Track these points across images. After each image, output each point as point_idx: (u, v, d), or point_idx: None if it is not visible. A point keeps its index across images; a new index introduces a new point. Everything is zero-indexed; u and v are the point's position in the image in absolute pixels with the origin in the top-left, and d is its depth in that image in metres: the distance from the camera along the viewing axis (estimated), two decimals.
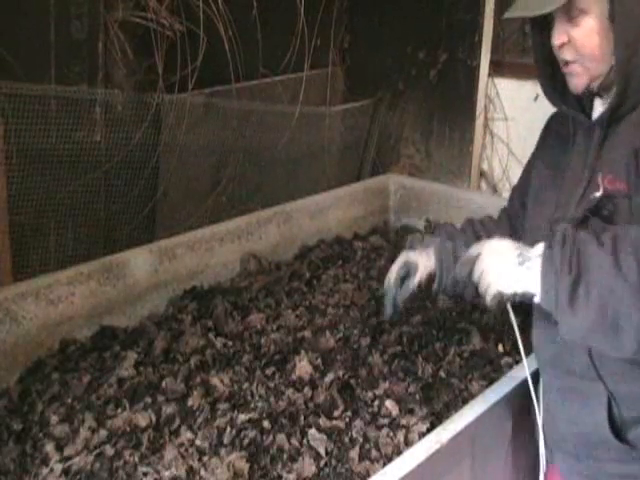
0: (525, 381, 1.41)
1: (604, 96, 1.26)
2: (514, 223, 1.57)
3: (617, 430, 1.24)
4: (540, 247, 1.15)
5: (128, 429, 1.51)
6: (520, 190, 1.55)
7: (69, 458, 1.43)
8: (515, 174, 3.20)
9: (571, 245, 1.11)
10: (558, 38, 1.22)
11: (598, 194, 1.21)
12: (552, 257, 1.11)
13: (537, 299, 1.14)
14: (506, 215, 1.63)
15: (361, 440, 1.48)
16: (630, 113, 1.21)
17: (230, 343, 1.83)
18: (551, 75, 1.32)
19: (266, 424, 1.51)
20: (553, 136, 1.44)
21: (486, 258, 1.22)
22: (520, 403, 1.46)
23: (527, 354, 1.37)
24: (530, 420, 1.45)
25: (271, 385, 1.66)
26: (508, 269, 1.17)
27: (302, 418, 1.54)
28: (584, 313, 1.08)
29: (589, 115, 1.30)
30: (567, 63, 1.24)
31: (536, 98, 2.99)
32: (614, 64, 1.19)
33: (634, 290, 1.03)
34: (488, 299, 1.20)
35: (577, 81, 1.24)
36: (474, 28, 3.06)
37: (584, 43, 1.20)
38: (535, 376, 1.41)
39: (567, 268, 1.09)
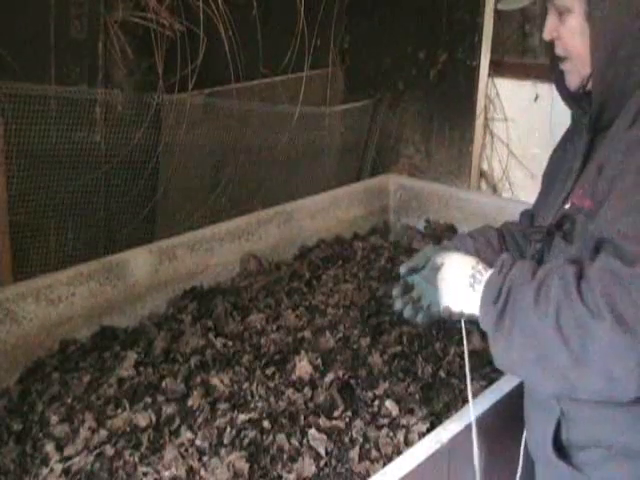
0: None
1: None
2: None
3: (564, 451, 1.19)
4: (490, 272, 1.12)
5: (128, 429, 1.51)
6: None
7: (69, 458, 1.43)
8: (515, 174, 3.20)
9: (505, 275, 1.07)
10: (547, 33, 1.20)
11: (567, 207, 1.18)
12: (490, 285, 1.08)
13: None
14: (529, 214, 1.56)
15: (361, 440, 1.48)
16: (611, 125, 1.14)
17: (230, 343, 1.83)
18: (562, 71, 1.30)
19: (266, 424, 1.51)
20: (565, 134, 1.39)
21: (444, 271, 1.18)
22: (520, 403, 1.46)
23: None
24: None
25: (271, 385, 1.66)
26: (459, 288, 1.14)
27: (302, 418, 1.54)
28: (506, 346, 1.04)
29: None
30: (560, 60, 1.22)
31: (536, 98, 3.00)
32: (591, 71, 1.14)
33: (553, 332, 0.97)
34: (441, 310, 1.18)
35: (570, 78, 1.22)
36: (474, 28, 3.06)
37: (568, 41, 1.17)
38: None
39: (496, 299, 1.05)
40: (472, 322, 1.15)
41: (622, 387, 0.95)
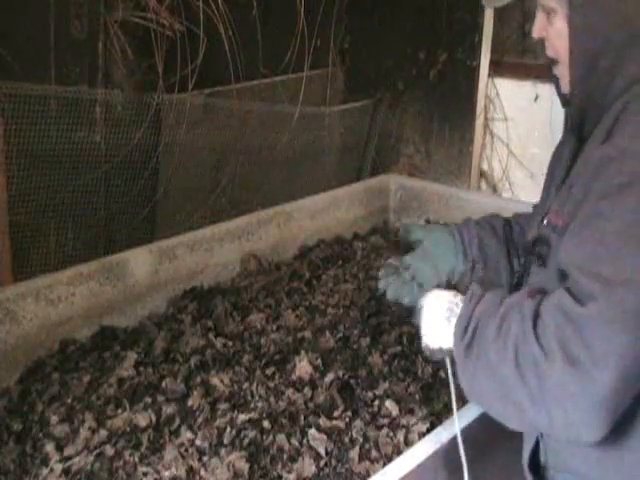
0: None
1: None
2: None
3: (541, 472, 1.18)
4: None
5: (128, 429, 1.51)
6: None
7: (69, 458, 1.43)
8: (515, 174, 3.21)
9: (472, 309, 1.06)
10: (535, 31, 1.14)
11: (545, 222, 1.14)
12: (460, 318, 1.07)
13: None
14: None
15: (361, 440, 1.48)
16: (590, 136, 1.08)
17: (230, 343, 1.83)
18: None
19: (266, 424, 1.51)
20: (562, 136, 1.33)
21: (424, 311, 1.18)
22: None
23: None
24: None
25: (271, 385, 1.66)
26: (435, 324, 1.13)
27: (302, 418, 1.53)
28: (471, 380, 1.04)
29: None
30: (552, 62, 1.16)
31: (536, 98, 3.00)
32: (570, 79, 1.09)
33: (511, 369, 0.95)
34: (422, 349, 1.18)
35: (561, 82, 1.16)
36: (474, 28, 3.06)
37: (554, 43, 1.11)
38: None
39: (463, 332, 1.05)
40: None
41: (580, 429, 0.91)
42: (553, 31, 1.10)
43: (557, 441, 1.12)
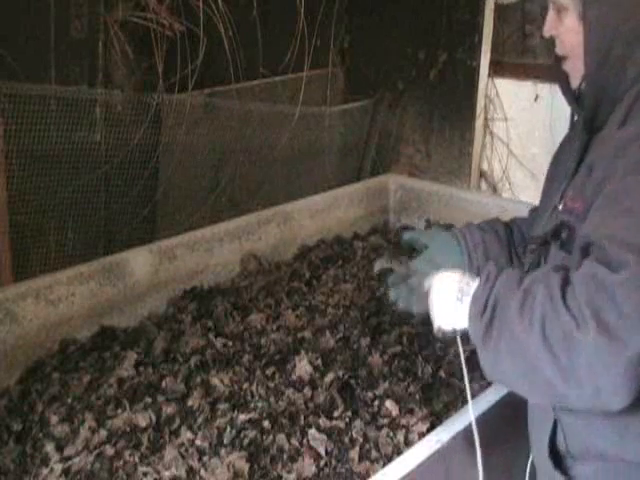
0: None
1: None
2: None
3: (561, 462, 1.17)
4: (476, 283, 1.10)
5: (128, 429, 1.51)
6: None
7: (69, 458, 1.43)
8: (515, 174, 3.21)
9: (490, 287, 1.05)
10: (546, 30, 1.19)
11: (560, 208, 1.16)
12: (476, 298, 1.07)
13: None
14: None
15: (361, 440, 1.48)
16: (604, 126, 1.12)
17: (230, 343, 1.83)
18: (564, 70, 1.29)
19: (266, 424, 1.51)
20: (564, 137, 1.36)
21: (432, 293, 1.17)
22: (521, 402, 1.46)
23: None
24: None
25: (271, 385, 1.66)
26: (447, 305, 1.13)
27: (302, 418, 1.53)
28: (494, 359, 1.03)
29: None
30: (562, 59, 1.21)
31: (536, 98, 2.99)
32: (584, 72, 1.13)
33: (539, 343, 0.95)
34: (435, 331, 1.17)
35: (572, 78, 1.20)
36: (474, 28, 3.06)
37: (565, 40, 1.16)
38: None
39: (482, 312, 1.04)
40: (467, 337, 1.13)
41: (609, 396, 0.93)
42: (564, 28, 1.15)
43: (576, 419, 1.12)
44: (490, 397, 1.44)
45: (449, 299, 1.13)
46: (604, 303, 0.90)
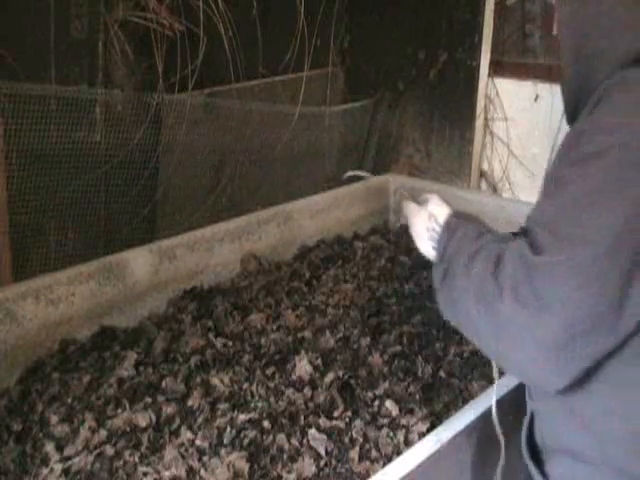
0: None
1: None
2: None
3: (537, 455, 1.17)
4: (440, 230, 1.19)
5: (128, 429, 1.51)
6: None
7: (69, 458, 1.43)
8: (515, 174, 3.21)
9: (449, 237, 1.13)
10: (553, 28, 1.21)
11: None
12: (439, 243, 1.16)
13: None
14: None
15: (361, 440, 1.48)
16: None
17: (230, 343, 1.83)
18: None
19: (266, 424, 1.51)
20: None
21: (409, 221, 1.28)
22: (521, 403, 1.46)
23: None
24: None
25: (271, 385, 1.66)
26: (422, 236, 1.23)
27: (302, 418, 1.54)
28: (446, 306, 1.10)
29: None
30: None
31: (536, 98, 2.99)
32: (562, 66, 1.14)
33: (473, 303, 1.01)
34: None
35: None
36: (474, 28, 3.06)
37: (558, 37, 1.17)
38: None
39: (441, 259, 1.13)
40: None
41: (536, 372, 0.96)
42: (555, 25, 1.16)
43: (546, 408, 1.13)
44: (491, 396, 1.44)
45: (424, 232, 1.23)
46: (523, 279, 0.94)
